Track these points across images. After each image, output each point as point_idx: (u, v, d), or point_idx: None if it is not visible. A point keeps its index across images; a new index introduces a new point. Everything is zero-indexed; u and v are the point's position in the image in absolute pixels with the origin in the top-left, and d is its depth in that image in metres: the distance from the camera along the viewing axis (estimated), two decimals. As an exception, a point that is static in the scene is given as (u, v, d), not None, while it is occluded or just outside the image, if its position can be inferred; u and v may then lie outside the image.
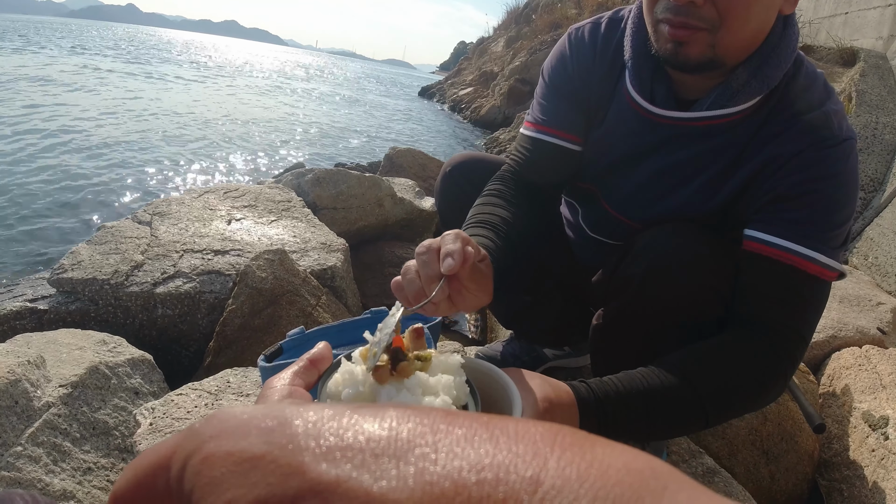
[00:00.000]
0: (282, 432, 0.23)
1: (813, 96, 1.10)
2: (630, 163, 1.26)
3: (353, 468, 0.21)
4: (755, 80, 1.07)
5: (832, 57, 5.61)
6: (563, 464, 0.19)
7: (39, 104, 9.44)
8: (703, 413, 0.98)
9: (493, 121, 13.66)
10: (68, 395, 1.47)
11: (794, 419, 1.77)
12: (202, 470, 0.23)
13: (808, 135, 1.07)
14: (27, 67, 14.97)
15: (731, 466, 1.66)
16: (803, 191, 1.05)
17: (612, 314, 1.22)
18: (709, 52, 1.03)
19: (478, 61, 21.50)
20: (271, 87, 20.85)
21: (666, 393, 0.96)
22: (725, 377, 1.00)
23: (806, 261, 1.03)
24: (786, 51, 1.08)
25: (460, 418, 0.23)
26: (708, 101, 1.11)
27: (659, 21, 1.05)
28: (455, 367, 0.65)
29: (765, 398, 1.06)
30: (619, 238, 1.38)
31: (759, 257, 1.06)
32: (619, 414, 0.93)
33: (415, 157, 4.72)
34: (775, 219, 1.07)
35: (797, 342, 1.05)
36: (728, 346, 1.03)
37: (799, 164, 1.06)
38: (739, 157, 1.14)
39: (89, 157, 6.56)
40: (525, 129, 1.37)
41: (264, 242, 2.48)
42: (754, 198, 1.12)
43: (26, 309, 2.10)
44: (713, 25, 1.00)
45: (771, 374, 1.03)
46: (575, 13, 14.42)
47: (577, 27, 1.33)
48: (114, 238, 2.39)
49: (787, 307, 1.04)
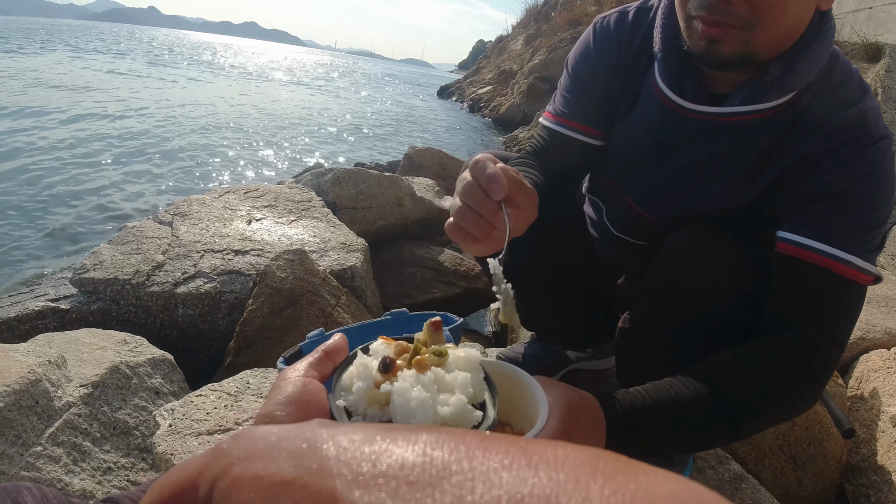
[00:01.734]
0: (312, 456, 0.23)
1: (848, 93, 1.06)
2: (656, 157, 1.23)
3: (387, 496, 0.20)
4: (789, 75, 1.03)
5: (857, 52, 5.50)
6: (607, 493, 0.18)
7: (64, 107, 9.58)
8: (733, 426, 0.94)
9: (512, 119, 13.63)
10: (89, 395, 1.47)
11: (823, 423, 1.73)
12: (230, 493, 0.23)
13: (844, 133, 1.03)
14: (62, 69, 15.21)
15: (758, 472, 1.63)
16: (838, 191, 1.01)
17: (640, 317, 1.19)
18: (743, 48, 0.99)
19: (497, 60, 21.47)
20: (291, 87, 20.99)
21: (695, 405, 0.92)
22: (757, 389, 0.96)
23: (841, 264, 0.99)
24: (821, 46, 1.04)
25: (497, 443, 0.22)
26: (739, 96, 1.07)
27: (692, 17, 1.02)
28: (473, 363, 0.63)
29: (798, 409, 1.02)
30: (645, 237, 1.34)
31: (793, 260, 1.02)
32: (647, 427, 0.90)
33: (434, 156, 4.72)
34: (809, 220, 1.03)
35: (832, 349, 1.01)
36: (760, 354, 0.99)
37: (834, 163, 1.02)
38: (770, 154, 1.10)
39: (112, 159, 6.64)
40: (545, 120, 1.35)
41: (284, 242, 2.48)
42: (787, 197, 1.08)
43: (48, 308, 2.11)
44: (748, 23, 0.97)
45: (805, 384, 0.99)
46: (594, 10, 14.32)
47: (603, 17, 1.29)
48: (135, 238, 2.41)
49: (822, 312, 1.00)
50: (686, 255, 1.07)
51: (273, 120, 11.45)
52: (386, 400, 0.57)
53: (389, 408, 0.57)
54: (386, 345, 0.64)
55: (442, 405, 0.56)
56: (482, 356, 0.64)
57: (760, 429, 1.07)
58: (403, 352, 0.62)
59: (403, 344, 0.63)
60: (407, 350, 0.62)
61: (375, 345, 0.64)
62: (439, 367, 0.60)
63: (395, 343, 0.64)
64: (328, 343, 0.65)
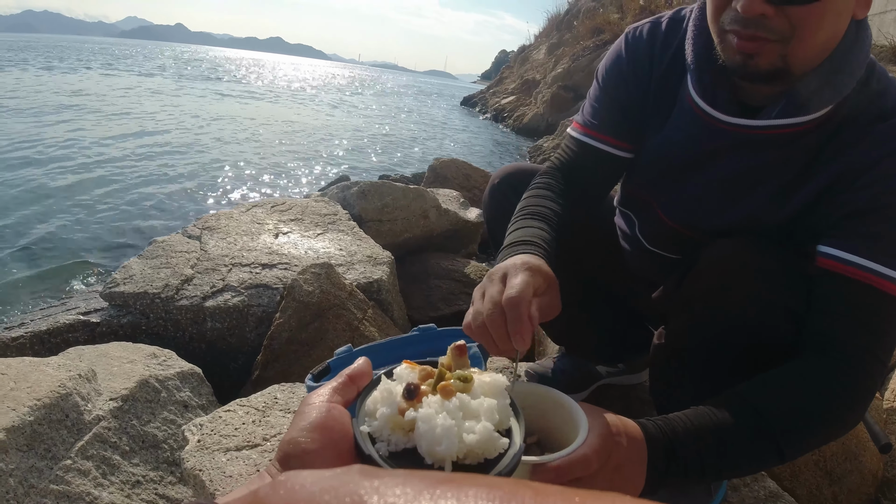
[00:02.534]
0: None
1: (887, 103, 1.03)
2: (690, 171, 1.20)
3: None
4: (827, 88, 1.00)
5: (884, 55, 5.40)
6: None
7: (94, 123, 9.79)
8: (778, 451, 0.91)
9: (536, 129, 13.62)
10: (118, 409, 1.48)
11: (859, 438, 1.69)
12: None
13: (885, 145, 0.99)
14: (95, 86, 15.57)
15: (794, 489, 1.59)
16: (881, 205, 0.98)
17: (676, 333, 1.16)
18: (780, 62, 0.96)
19: (519, 69, 21.48)
20: (316, 100, 21.23)
21: (738, 431, 0.89)
22: (802, 413, 0.92)
23: (885, 280, 0.96)
24: (858, 56, 1.01)
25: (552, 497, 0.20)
26: (775, 109, 1.04)
27: (726, 31, 0.99)
28: (499, 388, 0.62)
29: (843, 429, 0.98)
30: (679, 252, 1.31)
31: (835, 275, 0.99)
32: (689, 453, 0.87)
33: (459, 167, 4.71)
34: (851, 234, 0.99)
35: (876, 366, 0.97)
36: (802, 375, 0.95)
37: (875, 177, 0.99)
38: (809, 168, 1.07)
39: (142, 174, 6.76)
40: (573, 131, 1.32)
41: (311, 256, 2.48)
42: (827, 211, 1.04)
43: (79, 322, 2.14)
44: (785, 37, 0.94)
45: (849, 404, 0.95)
46: (617, 17, 14.28)
47: (635, 27, 1.26)
48: (164, 252, 2.43)
49: (865, 329, 0.96)
50: (726, 269, 1.04)
51: (298, 133, 11.57)
52: (410, 426, 0.57)
53: (414, 434, 0.56)
54: (410, 369, 0.63)
55: (468, 432, 0.56)
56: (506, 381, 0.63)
57: (805, 451, 1.03)
58: (428, 377, 0.61)
59: (428, 369, 0.63)
60: (431, 375, 0.61)
61: (399, 369, 0.63)
62: (464, 393, 0.59)
63: (419, 368, 0.63)
64: (352, 367, 0.64)
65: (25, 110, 10.55)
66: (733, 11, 0.96)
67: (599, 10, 16.25)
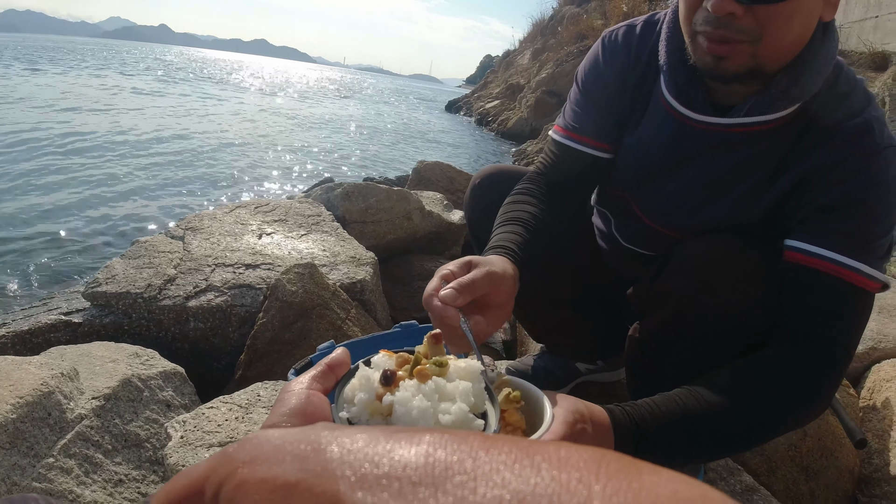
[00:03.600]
0: (317, 459, 0.23)
1: (853, 103, 1.07)
2: (666, 170, 1.23)
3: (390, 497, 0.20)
4: (795, 87, 1.04)
5: (863, 61, 5.50)
6: (610, 492, 0.18)
7: (76, 124, 9.70)
8: (744, 434, 0.94)
9: (520, 133, 13.67)
10: (101, 408, 1.48)
11: (835, 434, 1.72)
12: (235, 497, 0.23)
13: (850, 144, 1.03)
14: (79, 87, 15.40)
15: (770, 484, 1.61)
16: (847, 201, 1.02)
17: (651, 327, 1.19)
18: (750, 62, 1.00)
19: (504, 74, 21.56)
20: (301, 103, 21.15)
21: (706, 416, 0.91)
22: (768, 397, 0.95)
23: (851, 272, 0.99)
24: (826, 57, 1.05)
25: (500, 443, 0.22)
26: (745, 107, 1.08)
27: (697, 33, 1.02)
28: (474, 373, 0.63)
29: (809, 416, 1.02)
30: (655, 248, 1.34)
31: (802, 268, 1.02)
32: (658, 438, 0.89)
33: (443, 170, 4.73)
34: (818, 229, 1.03)
35: (842, 356, 1.01)
36: (770, 363, 0.99)
37: (841, 174, 1.03)
38: (779, 167, 1.11)
39: (125, 175, 6.71)
40: (554, 134, 1.35)
41: (294, 256, 2.49)
42: (795, 208, 1.08)
43: (61, 322, 2.13)
44: (754, 37, 0.97)
45: (816, 391, 0.98)
46: (601, 23, 14.39)
47: (611, 31, 1.30)
48: (147, 252, 2.43)
49: (832, 320, 1.00)
50: (702, 264, 1.07)
51: (283, 135, 11.53)
52: (388, 411, 0.58)
53: (392, 418, 0.57)
54: (388, 357, 0.64)
55: (443, 413, 0.57)
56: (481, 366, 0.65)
57: (772, 437, 1.06)
58: (405, 363, 0.63)
59: (405, 356, 0.64)
60: (408, 362, 0.63)
61: (377, 358, 0.65)
62: (440, 378, 0.60)
63: (396, 355, 0.64)
64: (331, 357, 0.65)
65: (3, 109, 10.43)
66: (705, 12, 0.99)
67: (583, 16, 16.38)
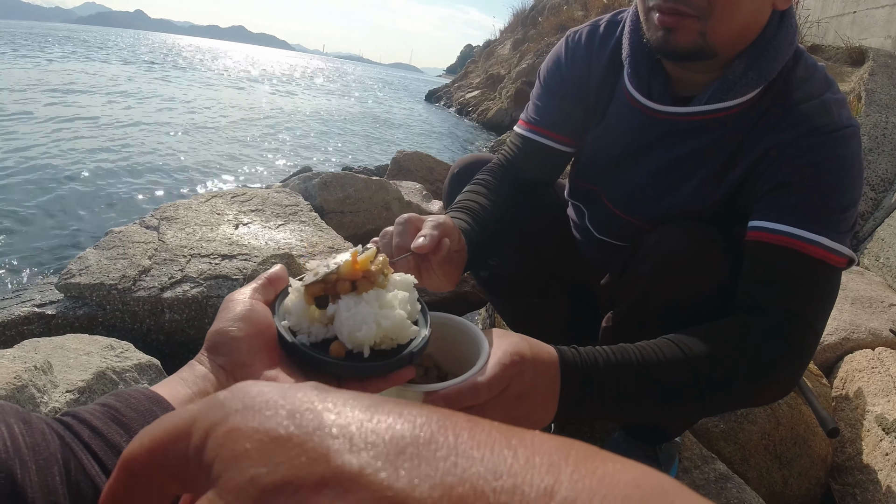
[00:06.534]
0: (311, 417, 0.24)
1: (812, 87, 1.09)
2: (631, 160, 1.26)
3: (377, 461, 0.21)
4: (752, 72, 1.07)
5: (841, 56, 5.58)
6: (576, 477, 0.20)
7: (49, 112, 9.51)
8: (699, 394, 0.91)
9: (500, 123, 13.67)
10: (75, 401, 1.47)
11: (808, 423, 1.75)
12: (226, 443, 0.24)
13: (806, 122, 1.05)
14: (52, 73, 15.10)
15: (744, 472, 1.64)
16: (802, 176, 1.03)
17: (622, 316, 1.21)
18: (699, 39, 1.03)
19: (484, 64, 21.52)
20: (279, 91, 20.95)
21: (660, 367, 0.89)
22: (725, 360, 0.93)
23: (808, 244, 1.00)
24: (783, 44, 1.08)
25: (482, 425, 0.23)
26: (705, 96, 1.11)
27: (650, 9, 1.06)
28: (408, 284, 0.69)
29: (768, 384, 0.98)
30: (626, 239, 1.37)
31: (761, 244, 1.03)
32: (607, 384, 0.86)
33: (422, 160, 4.72)
34: (775, 205, 1.04)
35: (803, 328, 0.99)
36: (728, 326, 0.98)
37: (797, 151, 1.05)
38: (739, 150, 1.13)
39: (97, 163, 6.59)
40: (518, 128, 1.42)
41: (272, 247, 2.47)
42: (755, 188, 1.10)
43: (34, 314, 2.10)
44: (703, 13, 1.00)
45: (773, 356, 0.96)
46: (581, 15, 14.42)
47: (574, 31, 1.35)
48: (121, 243, 2.40)
49: (790, 292, 1.00)
50: (664, 252, 1.10)
51: (260, 124, 11.41)
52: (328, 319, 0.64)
53: (335, 323, 0.63)
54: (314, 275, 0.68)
55: (384, 318, 0.62)
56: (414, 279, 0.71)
57: (728, 403, 1.07)
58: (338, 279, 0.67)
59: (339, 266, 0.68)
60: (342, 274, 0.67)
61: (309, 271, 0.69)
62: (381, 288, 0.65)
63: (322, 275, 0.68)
64: (270, 272, 0.69)
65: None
66: None
67: (564, 7, 16.38)
